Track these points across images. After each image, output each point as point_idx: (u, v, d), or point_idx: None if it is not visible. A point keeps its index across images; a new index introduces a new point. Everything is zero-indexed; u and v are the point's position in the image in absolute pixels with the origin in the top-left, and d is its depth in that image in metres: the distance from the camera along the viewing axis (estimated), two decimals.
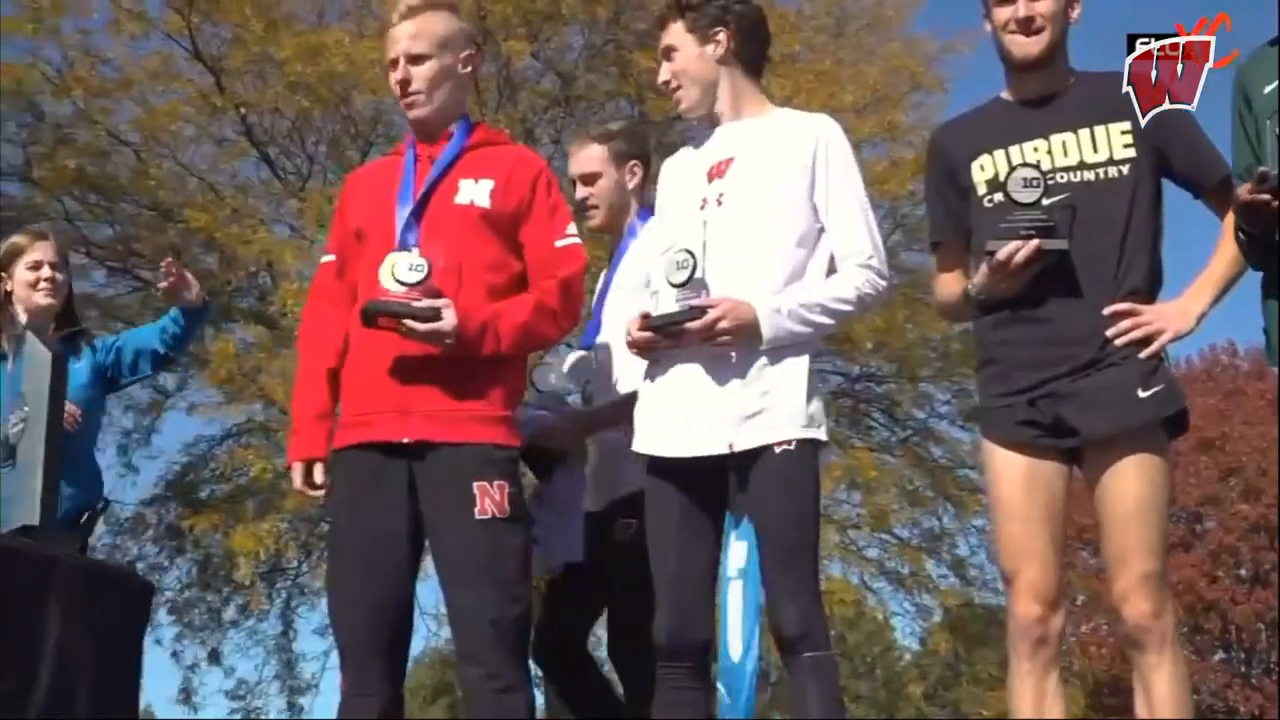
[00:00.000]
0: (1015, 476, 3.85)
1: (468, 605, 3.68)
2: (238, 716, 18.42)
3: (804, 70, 14.45)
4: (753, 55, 4.02)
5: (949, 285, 4.10)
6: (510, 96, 15.90)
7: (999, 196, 3.84)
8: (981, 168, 3.91)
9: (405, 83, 3.91)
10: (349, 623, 3.78)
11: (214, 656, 18.01)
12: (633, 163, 4.70)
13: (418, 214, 3.83)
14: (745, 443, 3.68)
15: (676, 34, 3.98)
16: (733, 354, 3.72)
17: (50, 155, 15.72)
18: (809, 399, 3.73)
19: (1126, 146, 3.80)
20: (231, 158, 16.87)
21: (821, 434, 3.76)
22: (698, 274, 3.73)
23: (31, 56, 15.49)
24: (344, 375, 3.84)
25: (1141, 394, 3.71)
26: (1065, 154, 3.84)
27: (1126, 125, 3.79)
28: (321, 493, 3.83)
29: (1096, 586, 21.69)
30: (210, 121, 16.42)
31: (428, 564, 3.89)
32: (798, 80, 13.87)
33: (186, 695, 17.99)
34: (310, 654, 18.99)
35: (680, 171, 4.09)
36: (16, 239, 5.50)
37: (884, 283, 3.88)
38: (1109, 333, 3.73)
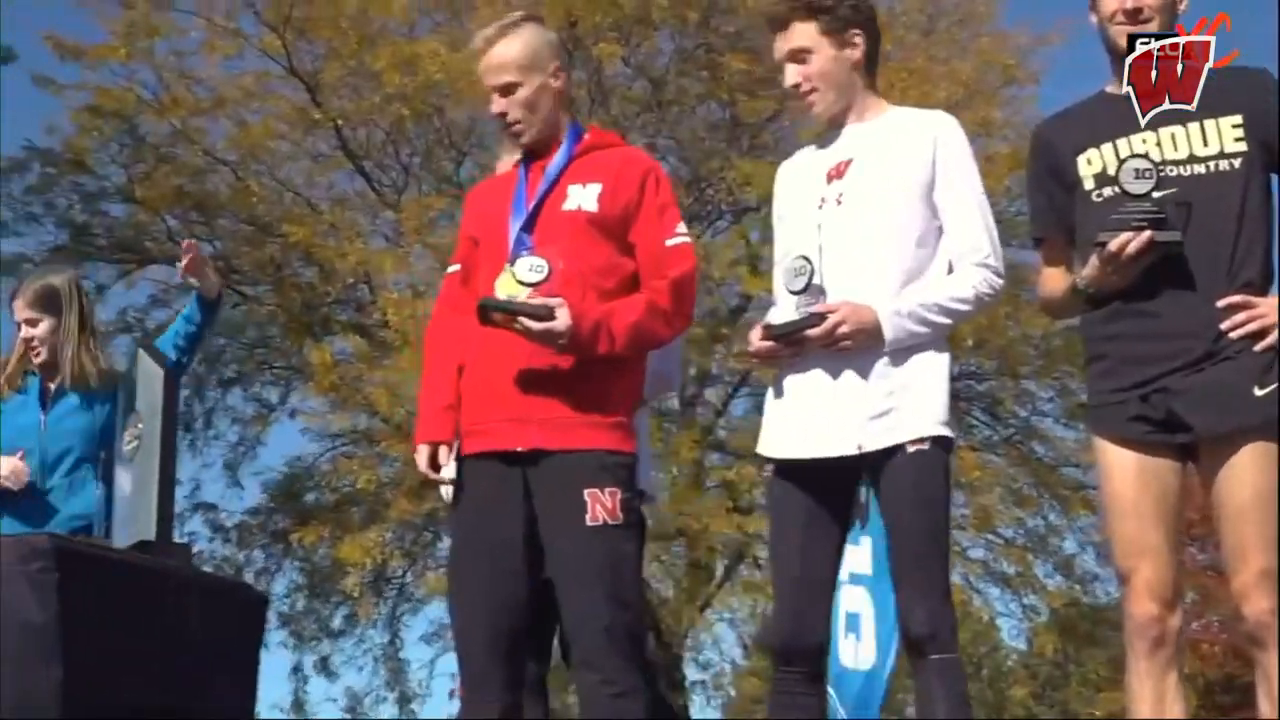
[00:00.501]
0: (1127, 473, 3.79)
1: (581, 612, 3.69)
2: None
3: (896, 68, 14.39)
4: (874, 55, 3.97)
5: (1054, 281, 4.05)
6: (602, 102, 15.96)
7: (1107, 190, 3.78)
8: (1089, 161, 3.85)
9: (504, 115, 3.93)
10: (469, 630, 3.79)
11: (323, 665, 18.23)
12: None
13: (528, 224, 3.84)
14: (874, 444, 3.65)
15: (809, 35, 3.87)
16: (856, 356, 3.70)
17: (150, 175, 16.02)
18: (941, 396, 3.71)
19: (1238, 140, 3.73)
20: (326, 171, 17.08)
21: (951, 431, 3.75)
22: (815, 280, 3.71)
23: (127, 80, 15.79)
24: (464, 384, 3.86)
25: (1258, 392, 3.63)
26: (1175, 148, 3.76)
27: (1237, 119, 3.73)
28: (448, 484, 3.84)
29: (1206, 583, 21.33)
30: (305, 136, 16.63)
31: None
32: (890, 78, 13.80)
33: (298, 705, 18.24)
34: (417, 661, 19.10)
35: (798, 174, 4.04)
36: None
37: (1000, 282, 3.83)
38: (1223, 325, 3.66)
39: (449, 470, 3.85)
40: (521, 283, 3.69)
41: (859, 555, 9.52)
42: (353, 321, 16.87)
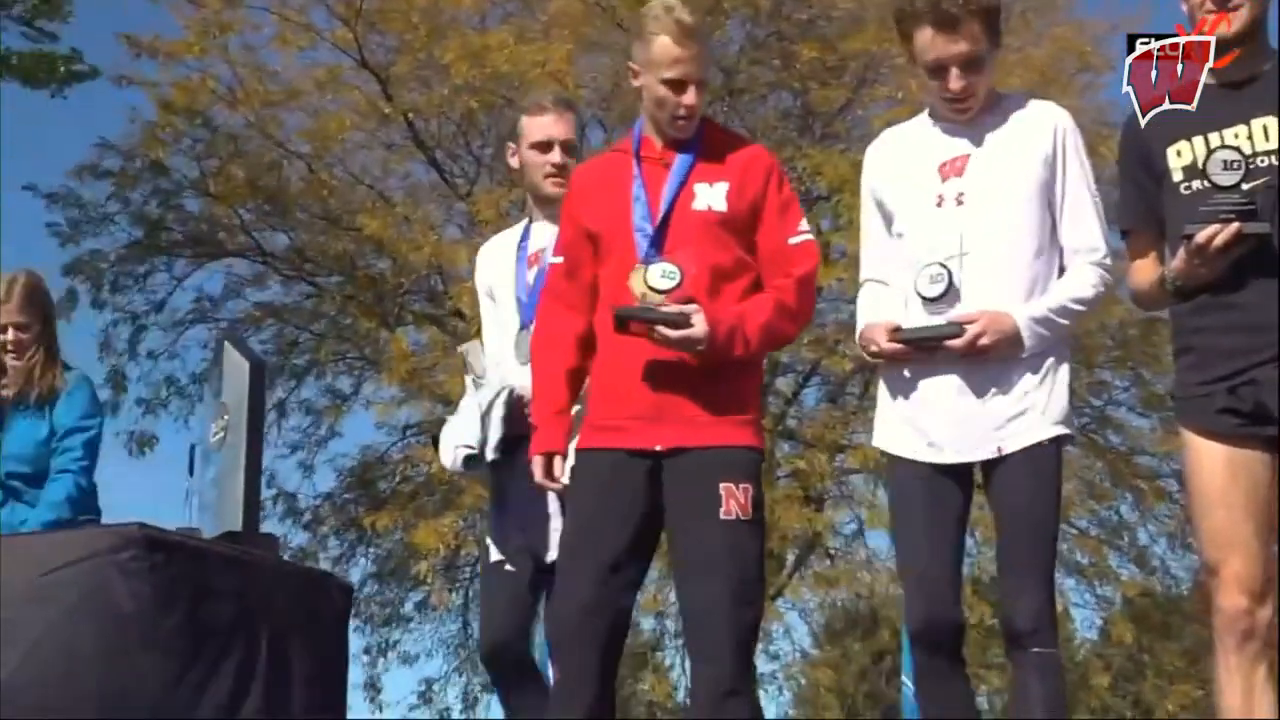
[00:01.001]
0: (1216, 465, 3.74)
1: (704, 605, 3.70)
2: (424, 715, 18.75)
3: None
4: None
5: (1143, 273, 4.00)
6: None
7: (1196, 184, 3.74)
8: (1178, 153, 3.80)
9: (694, 108, 3.85)
10: (567, 619, 3.80)
11: (392, 647, 18.33)
12: None
13: (657, 223, 3.81)
14: (1012, 445, 3.67)
15: (982, 41, 3.74)
16: (992, 362, 3.69)
17: (224, 169, 16.15)
18: (1066, 393, 3.73)
19: None
20: (399, 161, 17.15)
21: (1071, 429, 3.77)
22: (954, 285, 3.70)
23: (200, 74, 15.92)
24: (594, 378, 3.88)
25: None
26: (1267, 138, 3.71)
27: None
28: (560, 485, 3.86)
29: None
30: (378, 128, 16.70)
31: None
32: None
33: (374, 692, 18.34)
34: None
35: (901, 160, 3.96)
36: None
37: (1111, 279, 3.83)
38: None
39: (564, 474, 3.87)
40: (654, 289, 3.69)
41: None
42: (425, 312, 16.95)
